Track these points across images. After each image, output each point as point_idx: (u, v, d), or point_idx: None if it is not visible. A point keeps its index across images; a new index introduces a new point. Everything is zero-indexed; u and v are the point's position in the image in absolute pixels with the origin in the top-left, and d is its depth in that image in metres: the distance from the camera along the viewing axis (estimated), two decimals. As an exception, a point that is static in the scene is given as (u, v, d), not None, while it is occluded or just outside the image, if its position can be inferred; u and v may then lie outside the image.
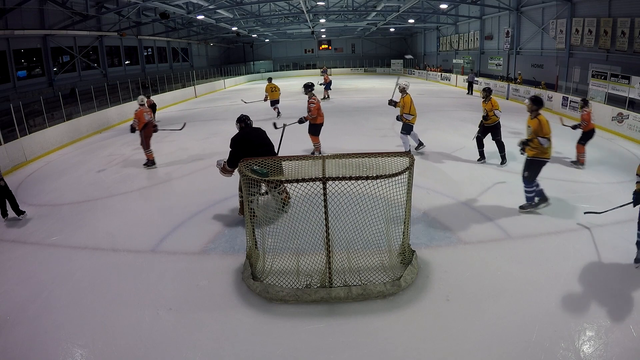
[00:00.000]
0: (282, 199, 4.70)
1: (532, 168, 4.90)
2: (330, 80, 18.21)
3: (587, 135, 7.20)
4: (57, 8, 14.67)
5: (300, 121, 7.57)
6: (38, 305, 3.58)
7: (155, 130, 7.41)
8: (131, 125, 7.33)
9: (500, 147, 7.18)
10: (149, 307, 3.45)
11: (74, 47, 17.27)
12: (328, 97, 17.95)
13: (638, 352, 2.77)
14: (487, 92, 7.20)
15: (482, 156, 7.38)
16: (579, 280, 3.60)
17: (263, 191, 4.64)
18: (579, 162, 7.13)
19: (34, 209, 6.08)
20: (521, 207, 5.10)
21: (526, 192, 5.06)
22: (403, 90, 7.26)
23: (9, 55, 13.64)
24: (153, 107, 15.65)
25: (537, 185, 5.04)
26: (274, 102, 12.74)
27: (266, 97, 12.78)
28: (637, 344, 2.83)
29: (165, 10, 16.82)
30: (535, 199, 5.09)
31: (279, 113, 12.79)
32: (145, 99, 7.45)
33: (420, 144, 7.90)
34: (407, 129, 7.49)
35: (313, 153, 7.63)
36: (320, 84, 18.24)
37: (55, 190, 6.93)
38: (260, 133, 4.98)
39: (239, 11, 22.93)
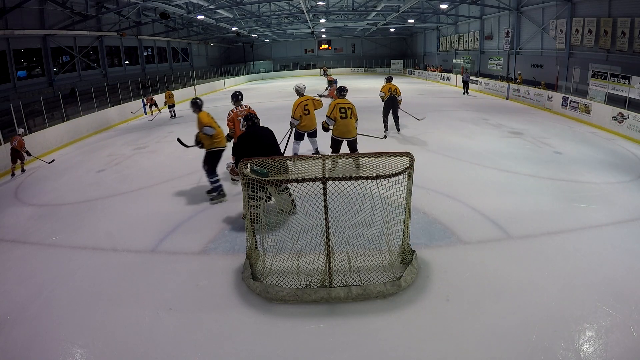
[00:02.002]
0: (291, 201, 4.57)
1: (209, 159, 5.61)
2: (335, 79, 18.08)
3: None
4: (57, 8, 14.66)
5: (228, 137, 6.14)
6: (38, 305, 3.58)
7: (29, 154, 8.69)
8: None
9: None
10: (149, 307, 3.45)
11: (74, 47, 17.27)
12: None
13: (638, 352, 2.77)
14: (387, 80, 9.78)
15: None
16: (579, 280, 3.60)
17: (269, 199, 4.52)
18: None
19: (34, 209, 6.09)
20: (208, 192, 5.84)
21: (211, 182, 5.72)
22: (297, 93, 6.84)
23: (9, 55, 13.63)
24: (154, 104, 15.92)
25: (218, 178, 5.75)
26: (171, 106, 15.26)
27: (165, 102, 15.41)
28: (637, 344, 2.83)
29: (165, 10, 16.81)
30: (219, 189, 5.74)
31: (174, 114, 15.13)
32: (22, 130, 8.91)
33: (317, 151, 7.26)
34: (295, 136, 6.92)
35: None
36: (327, 89, 18.06)
37: (55, 190, 6.94)
38: (268, 133, 4.84)
39: (239, 11, 22.92)
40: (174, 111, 15.28)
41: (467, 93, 18.74)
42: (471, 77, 19.94)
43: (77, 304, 3.55)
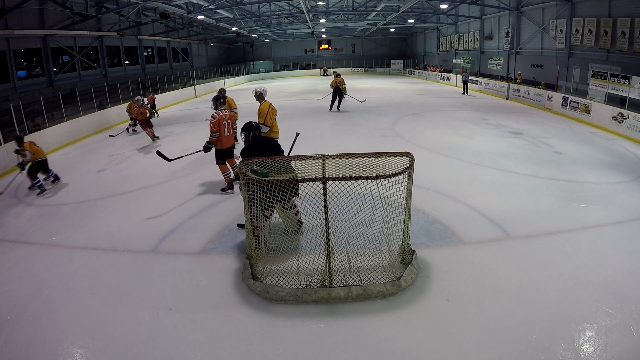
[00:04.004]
0: (298, 220, 4.33)
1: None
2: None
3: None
4: (57, 8, 14.66)
5: (206, 148, 5.93)
6: (38, 305, 3.58)
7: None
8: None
9: None
10: (149, 307, 3.45)
11: (74, 47, 17.26)
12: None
13: (638, 352, 2.77)
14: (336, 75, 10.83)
15: None
16: (579, 280, 3.60)
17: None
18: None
19: (34, 209, 6.08)
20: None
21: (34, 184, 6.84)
22: (260, 97, 6.14)
23: (9, 55, 13.62)
24: (153, 105, 15.42)
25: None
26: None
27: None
28: (637, 344, 2.83)
29: (165, 10, 16.81)
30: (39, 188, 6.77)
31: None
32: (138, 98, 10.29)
33: None
34: None
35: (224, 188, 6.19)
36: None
37: (55, 190, 6.93)
38: (275, 143, 4.62)
39: (239, 11, 22.92)
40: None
41: (467, 93, 18.75)
42: (471, 77, 19.95)
43: (77, 304, 3.55)
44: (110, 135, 11.81)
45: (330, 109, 13.55)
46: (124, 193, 6.52)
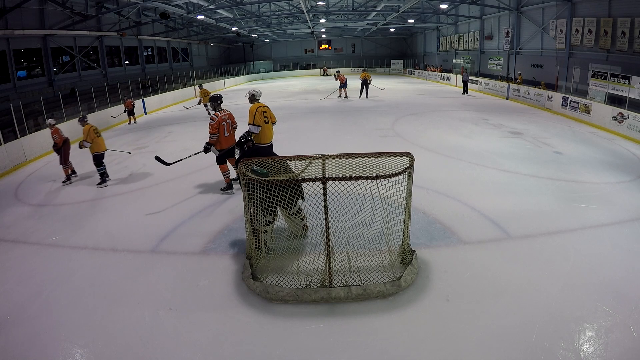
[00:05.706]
0: (304, 225, 4.28)
1: None
2: (346, 80, 18.10)
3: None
4: (57, 8, 14.66)
5: (206, 149, 5.95)
6: (38, 305, 3.58)
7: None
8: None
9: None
10: (149, 307, 3.45)
11: (74, 47, 17.26)
12: (347, 96, 17.82)
13: (638, 352, 2.77)
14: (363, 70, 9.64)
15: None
16: (579, 280, 3.60)
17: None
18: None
19: (34, 209, 6.08)
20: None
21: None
22: (252, 98, 5.95)
23: (9, 55, 13.63)
24: (132, 111, 14.46)
25: None
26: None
27: (200, 100, 15.61)
28: (637, 344, 2.83)
29: (165, 10, 16.80)
30: None
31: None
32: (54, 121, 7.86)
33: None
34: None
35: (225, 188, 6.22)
36: (341, 87, 18.09)
37: (55, 190, 6.94)
38: (270, 150, 4.64)
39: (239, 11, 22.92)
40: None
41: (467, 93, 18.76)
42: (471, 77, 19.96)
43: (77, 304, 3.55)
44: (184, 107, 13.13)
45: (360, 97, 17.31)
46: (124, 193, 6.52)
